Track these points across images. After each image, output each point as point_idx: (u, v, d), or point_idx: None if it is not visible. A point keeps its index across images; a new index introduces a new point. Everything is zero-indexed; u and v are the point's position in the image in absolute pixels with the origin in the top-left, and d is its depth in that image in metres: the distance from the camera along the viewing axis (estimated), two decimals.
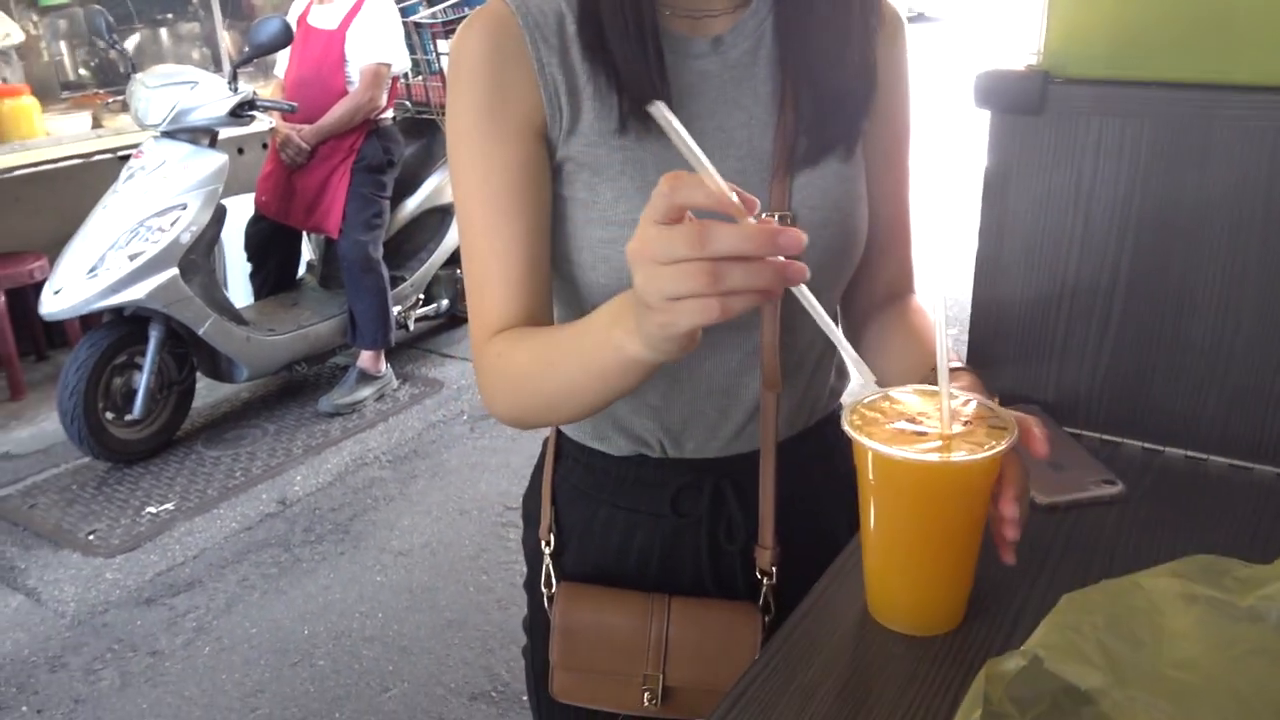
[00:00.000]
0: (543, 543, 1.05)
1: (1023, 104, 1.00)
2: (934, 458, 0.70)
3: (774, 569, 0.98)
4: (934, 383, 0.74)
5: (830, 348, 1.05)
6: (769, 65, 0.90)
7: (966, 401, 0.75)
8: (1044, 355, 1.08)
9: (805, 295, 0.66)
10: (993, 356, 1.10)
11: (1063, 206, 1.02)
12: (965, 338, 1.14)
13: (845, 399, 1.11)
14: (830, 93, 0.90)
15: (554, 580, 1.04)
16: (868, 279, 1.01)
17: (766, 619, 0.98)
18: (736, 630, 0.97)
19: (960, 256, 1.11)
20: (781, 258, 0.60)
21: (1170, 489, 0.97)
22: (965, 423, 0.73)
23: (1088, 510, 0.92)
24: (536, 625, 1.08)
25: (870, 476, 0.74)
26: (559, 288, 0.95)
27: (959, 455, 0.70)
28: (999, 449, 0.70)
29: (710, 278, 0.59)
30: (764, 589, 0.99)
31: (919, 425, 0.73)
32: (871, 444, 0.71)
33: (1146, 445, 1.04)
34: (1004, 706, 0.64)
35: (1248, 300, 0.97)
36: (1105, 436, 1.06)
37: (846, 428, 0.72)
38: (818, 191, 0.90)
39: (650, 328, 0.65)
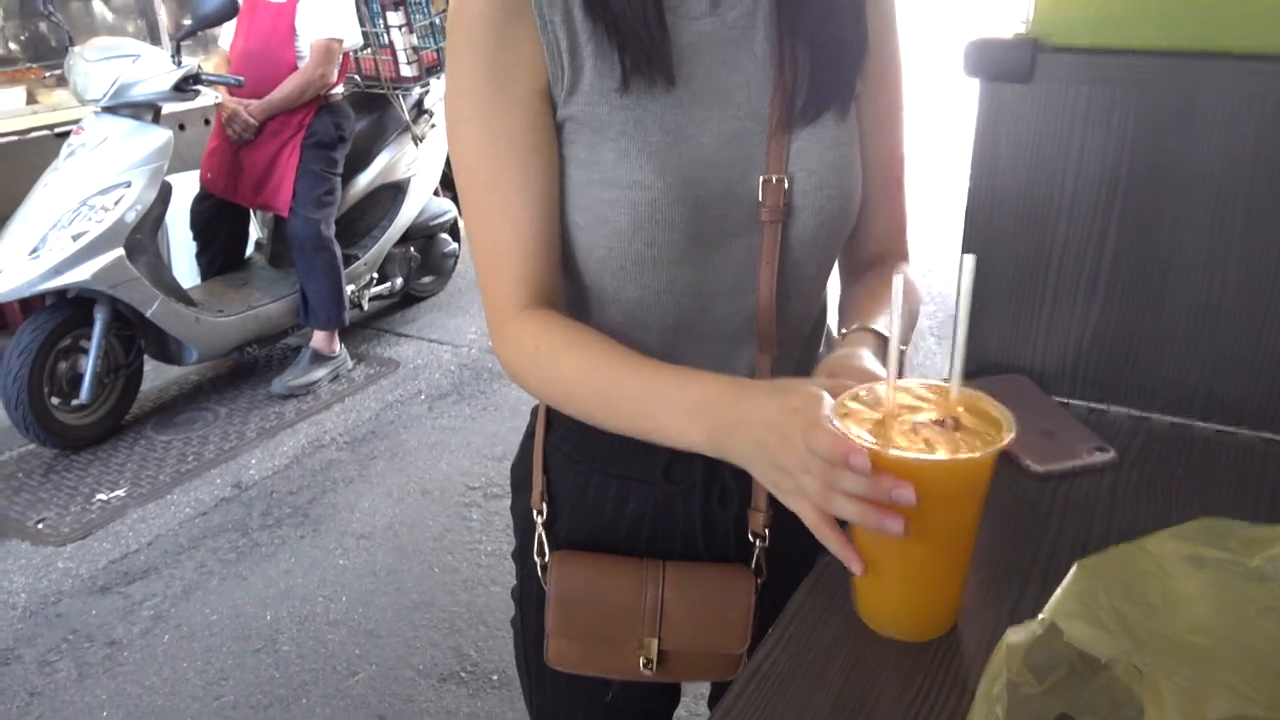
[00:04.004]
0: (535, 511, 1.04)
1: (1012, 72, 1.00)
2: (935, 457, 0.66)
3: (766, 531, 0.98)
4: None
5: (821, 319, 1.05)
6: (766, 26, 0.90)
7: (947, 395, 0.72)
8: (1031, 323, 1.08)
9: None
10: (980, 326, 1.11)
11: (1051, 174, 1.03)
12: (942, 313, 1.13)
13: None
14: (825, 51, 0.90)
15: (547, 549, 1.03)
16: (858, 242, 1.00)
17: (759, 581, 0.99)
18: (731, 593, 0.98)
19: (948, 225, 1.11)
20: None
21: (1159, 454, 0.98)
22: (954, 422, 0.69)
23: (1082, 477, 0.93)
24: (528, 595, 1.07)
25: None
26: None
27: (959, 454, 0.66)
28: (1001, 444, 0.66)
29: (824, 478, 0.69)
30: (756, 551, 0.99)
31: (913, 418, 0.70)
32: (866, 438, 0.67)
33: (1133, 411, 1.05)
34: (1022, 675, 0.64)
35: (1232, 266, 0.98)
36: (1092, 404, 1.07)
37: (836, 423, 0.69)
38: (814, 155, 0.90)
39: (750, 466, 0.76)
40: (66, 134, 3.44)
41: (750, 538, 0.99)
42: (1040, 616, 0.66)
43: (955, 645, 0.73)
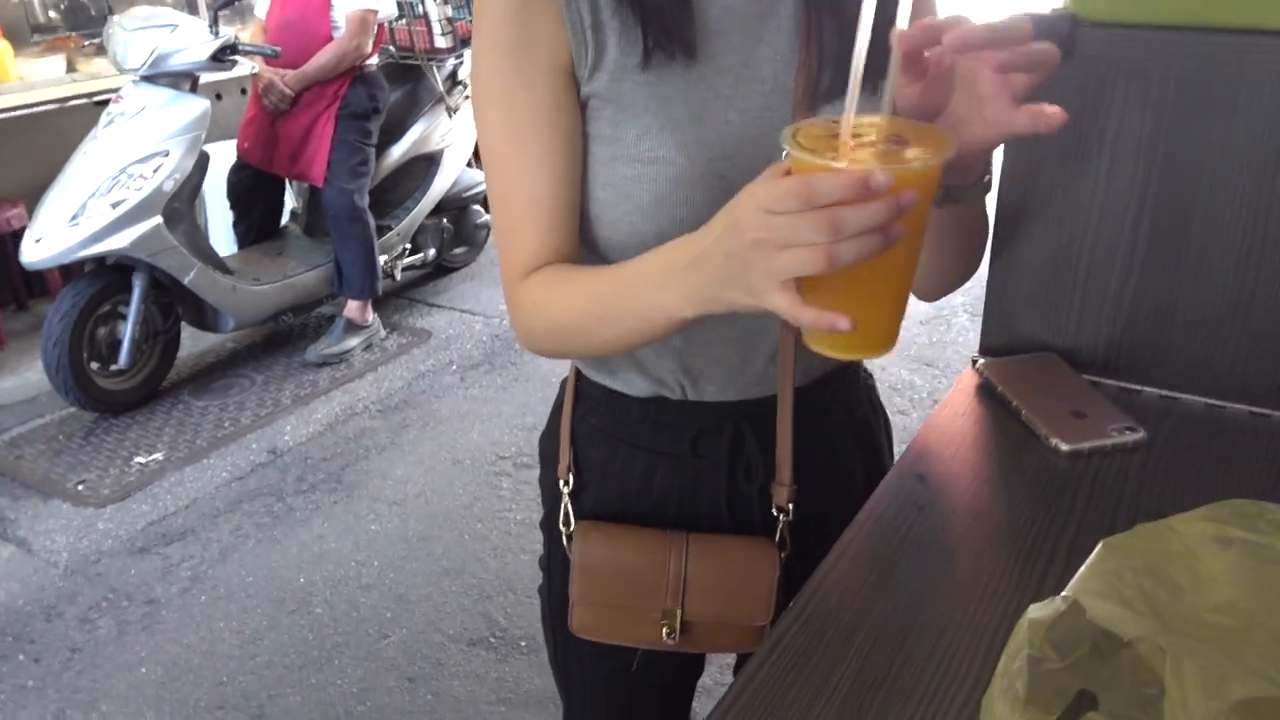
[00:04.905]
0: (561, 482, 1.05)
1: None
2: (912, 164, 0.64)
3: (790, 506, 0.99)
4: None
5: None
6: (791, 1, 0.89)
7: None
8: (1063, 302, 1.08)
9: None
10: (1012, 303, 1.10)
11: (1087, 152, 1.02)
12: (978, 288, 1.13)
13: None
14: (852, 26, 0.89)
15: (572, 519, 1.04)
16: None
17: (783, 555, 1.00)
18: (754, 565, 0.99)
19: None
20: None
21: (1190, 436, 0.97)
22: (901, 140, 0.67)
23: (1111, 456, 0.93)
24: (554, 563, 1.09)
25: None
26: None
27: (929, 159, 0.64)
28: (952, 148, 0.64)
29: (830, 227, 0.61)
30: (780, 525, 1.00)
31: (864, 142, 0.67)
32: (800, 153, 0.65)
33: (1165, 393, 1.04)
34: (1044, 651, 0.64)
35: (1270, 248, 0.97)
36: (1124, 384, 1.06)
37: (785, 144, 0.66)
38: None
39: (726, 291, 0.69)
40: (105, 102, 3.48)
41: (774, 512, 1.00)
42: (1064, 593, 0.66)
43: (977, 621, 0.74)
